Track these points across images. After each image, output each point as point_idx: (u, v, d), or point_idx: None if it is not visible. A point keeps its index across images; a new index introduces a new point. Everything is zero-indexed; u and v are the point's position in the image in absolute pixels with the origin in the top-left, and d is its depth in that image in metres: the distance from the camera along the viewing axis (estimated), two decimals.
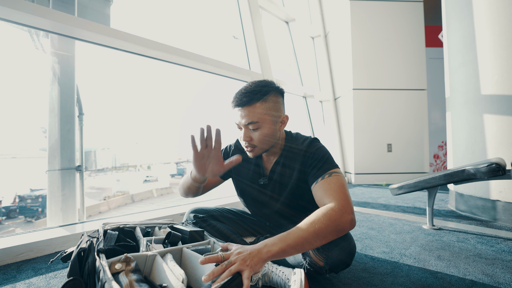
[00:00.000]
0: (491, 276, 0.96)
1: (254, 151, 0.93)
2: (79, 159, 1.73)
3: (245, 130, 0.91)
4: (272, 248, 0.64)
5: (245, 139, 0.91)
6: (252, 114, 0.88)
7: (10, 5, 1.25)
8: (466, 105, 1.94)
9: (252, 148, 0.93)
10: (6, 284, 0.95)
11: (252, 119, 0.88)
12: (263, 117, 0.89)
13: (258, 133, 0.90)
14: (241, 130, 0.93)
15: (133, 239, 0.82)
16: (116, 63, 4.36)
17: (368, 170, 3.62)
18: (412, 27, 3.63)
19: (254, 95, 0.88)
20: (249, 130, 0.91)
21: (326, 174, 0.83)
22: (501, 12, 1.69)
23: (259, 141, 0.91)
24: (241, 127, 0.92)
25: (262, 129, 0.90)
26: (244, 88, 0.92)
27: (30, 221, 5.81)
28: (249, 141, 0.91)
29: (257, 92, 0.89)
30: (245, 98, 0.89)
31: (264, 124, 0.90)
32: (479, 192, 1.81)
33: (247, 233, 1.12)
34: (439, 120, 4.60)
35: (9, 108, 2.66)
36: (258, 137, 0.90)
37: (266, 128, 0.90)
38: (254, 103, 0.88)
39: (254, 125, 0.89)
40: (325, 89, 4.14)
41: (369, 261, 1.12)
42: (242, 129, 0.92)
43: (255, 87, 0.90)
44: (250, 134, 0.91)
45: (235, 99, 0.91)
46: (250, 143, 0.92)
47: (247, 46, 2.87)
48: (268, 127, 0.90)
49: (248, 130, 0.91)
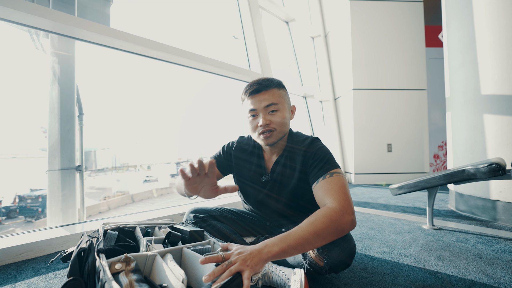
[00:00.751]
0: (491, 276, 0.96)
1: (272, 136, 0.93)
2: (79, 159, 1.73)
3: (263, 114, 0.92)
4: (273, 249, 0.64)
5: (265, 122, 0.92)
6: (272, 97, 0.93)
7: (10, 5, 1.25)
8: (466, 105, 1.94)
9: (271, 133, 0.93)
10: (6, 284, 0.95)
11: (273, 101, 0.92)
12: (280, 101, 0.94)
13: (278, 115, 0.93)
14: (255, 119, 0.94)
15: (133, 239, 0.82)
16: (116, 63, 4.37)
17: (368, 170, 3.62)
18: (412, 27, 3.63)
19: (271, 82, 0.95)
20: (267, 114, 0.93)
21: (327, 174, 0.83)
22: (501, 12, 1.69)
23: (279, 124, 0.93)
24: (258, 113, 0.93)
25: (280, 111, 0.94)
26: (256, 79, 0.97)
27: (30, 221, 5.81)
28: (268, 124, 0.92)
29: (273, 81, 0.96)
30: (264, 82, 0.94)
31: (282, 108, 0.94)
32: (479, 192, 1.81)
33: (247, 233, 1.12)
34: (439, 120, 4.60)
35: (9, 108, 2.66)
36: (278, 119, 0.93)
37: (284, 112, 0.95)
38: (272, 88, 0.94)
39: (275, 107, 0.92)
40: (325, 89, 4.14)
41: (369, 261, 1.12)
42: (258, 116, 0.93)
43: (269, 78, 0.97)
44: (269, 117, 0.93)
45: (251, 87, 0.94)
46: (269, 126, 0.92)
47: (247, 46, 2.87)
48: (285, 112, 0.95)
49: (267, 114, 0.93)
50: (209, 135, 7.94)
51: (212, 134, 7.76)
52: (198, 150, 9.48)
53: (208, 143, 7.77)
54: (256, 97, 0.93)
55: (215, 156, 1.11)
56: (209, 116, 10.66)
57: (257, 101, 0.92)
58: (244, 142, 1.10)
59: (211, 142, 7.61)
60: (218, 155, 1.11)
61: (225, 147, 1.12)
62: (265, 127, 0.92)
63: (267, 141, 0.94)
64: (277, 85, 0.95)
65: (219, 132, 5.94)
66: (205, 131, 8.42)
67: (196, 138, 9.09)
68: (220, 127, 5.97)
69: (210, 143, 7.33)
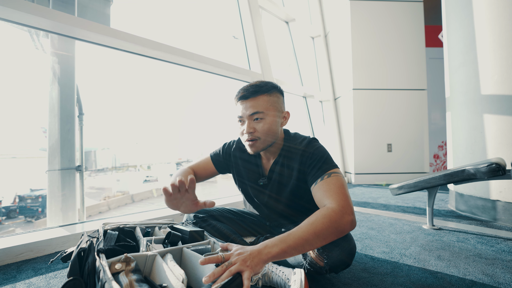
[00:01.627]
0: (491, 276, 0.96)
1: (255, 145, 0.92)
2: (79, 159, 1.73)
3: (248, 121, 0.91)
4: (273, 249, 0.64)
5: (249, 130, 0.91)
6: (257, 105, 0.90)
7: (10, 5, 1.25)
8: (466, 105, 1.94)
9: (254, 142, 0.92)
10: (6, 284, 0.95)
11: (258, 109, 0.90)
12: (268, 108, 0.91)
13: (262, 124, 0.91)
14: (243, 125, 0.93)
15: (133, 239, 0.82)
16: (116, 63, 4.34)
17: (368, 170, 3.62)
18: (412, 27, 3.63)
19: (259, 88, 0.92)
20: (252, 122, 0.91)
21: (326, 175, 0.83)
22: (501, 12, 1.69)
23: (263, 132, 0.91)
24: (244, 120, 0.92)
25: (266, 120, 0.91)
26: (248, 84, 0.95)
27: (30, 221, 5.81)
28: (252, 132, 0.91)
29: (262, 86, 0.93)
30: (251, 89, 0.92)
31: (268, 116, 0.92)
32: (479, 192, 1.81)
33: (247, 233, 1.12)
34: (439, 120, 4.60)
35: (9, 108, 2.66)
36: (262, 128, 0.91)
37: (270, 120, 0.92)
38: (260, 95, 0.91)
39: (259, 115, 0.90)
40: (325, 89, 4.14)
41: (369, 261, 1.12)
42: (245, 122, 0.92)
43: (260, 83, 0.94)
44: (254, 125, 0.91)
45: (240, 93, 0.93)
46: (253, 134, 0.91)
47: (247, 46, 2.87)
48: (271, 120, 0.92)
49: (252, 121, 0.91)
50: (209, 135, 7.96)
51: (212, 134, 7.75)
52: (198, 150, 9.46)
53: (208, 143, 7.78)
54: (243, 104, 0.92)
55: (214, 154, 1.12)
56: (209, 116, 10.62)
57: (244, 108, 0.91)
58: (243, 144, 1.09)
59: (211, 142, 7.62)
60: (217, 153, 1.11)
61: (225, 146, 1.12)
62: (250, 135, 0.91)
63: (251, 149, 0.94)
64: (266, 91, 0.92)
65: (219, 132, 5.95)
66: (205, 131, 8.43)
67: (196, 138, 9.10)
68: (220, 127, 5.96)
69: (210, 143, 7.35)
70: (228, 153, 1.09)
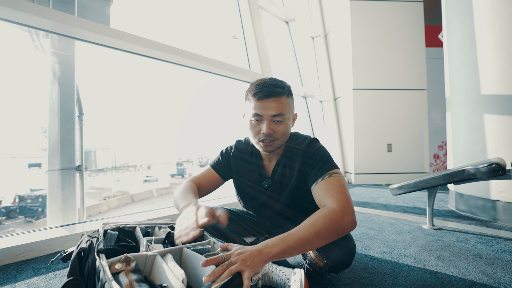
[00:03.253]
0: (491, 276, 0.96)
1: (273, 145, 0.91)
2: (79, 159, 1.73)
3: (268, 122, 0.88)
4: (273, 249, 0.64)
5: (268, 132, 0.87)
6: (281, 106, 0.88)
7: (10, 5, 1.25)
8: (466, 105, 1.94)
9: (272, 142, 0.90)
10: (6, 284, 0.95)
11: (281, 111, 0.87)
12: (288, 111, 0.90)
13: (282, 126, 0.89)
14: (259, 124, 0.90)
15: (133, 239, 0.82)
16: (116, 63, 4.34)
17: (368, 170, 3.62)
18: (412, 27, 3.63)
19: (283, 88, 0.89)
20: (272, 123, 0.88)
21: (326, 175, 0.83)
22: (501, 12, 1.69)
23: (281, 134, 0.90)
24: (263, 120, 0.88)
25: (285, 122, 0.90)
26: (269, 80, 0.91)
27: (30, 221, 5.81)
28: (272, 133, 0.88)
29: (285, 86, 0.91)
30: (277, 89, 0.87)
31: (287, 118, 0.90)
32: (479, 192, 1.81)
33: (247, 233, 1.12)
34: (439, 120, 4.60)
35: (9, 108, 2.67)
36: (282, 130, 0.89)
37: (288, 123, 0.91)
38: (283, 96, 0.88)
39: (281, 117, 0.88)
40: (325, 89, 4.14)
41: (369, 261, 1.12)
42: (262, 121, 0.89)
43: (280, 82, 0.91)
44: (273, 126, 0.88)
45: (262, 90, 0.87)
46: (272, 136, 0.89)
47: (247, 46, 2.87)
48: (289, 122, 0.92)
49: (272, 122, 0.88)
50: (208, 135, 7.85)
51: (212, 134, 7.62)
52: (198, 150, 9.44)
53: (207, 143, 7.68)
54: (264, 103, 0.87)
55: (214, 162, 1.09)
56: (208, 116, 10.55)
57: (265, 107, 0.86)
58: (242, 147, 1.08)
59: (210, 142, 7.52)
60: (217, 161, 1.09)
61: (224, 153, 1.10)
62: (268, 136, 0.89)
63: (267, 148, 0.92)
64: (287, 93, 0.90)
65: (219, 132, 5.88)
66: (204, 131, 8.32)
67: (195, 138, 8.99)
68: (219, 127, 5.89)
69: (210, 143, 7.25)
70: (228, 157, 1.08)
